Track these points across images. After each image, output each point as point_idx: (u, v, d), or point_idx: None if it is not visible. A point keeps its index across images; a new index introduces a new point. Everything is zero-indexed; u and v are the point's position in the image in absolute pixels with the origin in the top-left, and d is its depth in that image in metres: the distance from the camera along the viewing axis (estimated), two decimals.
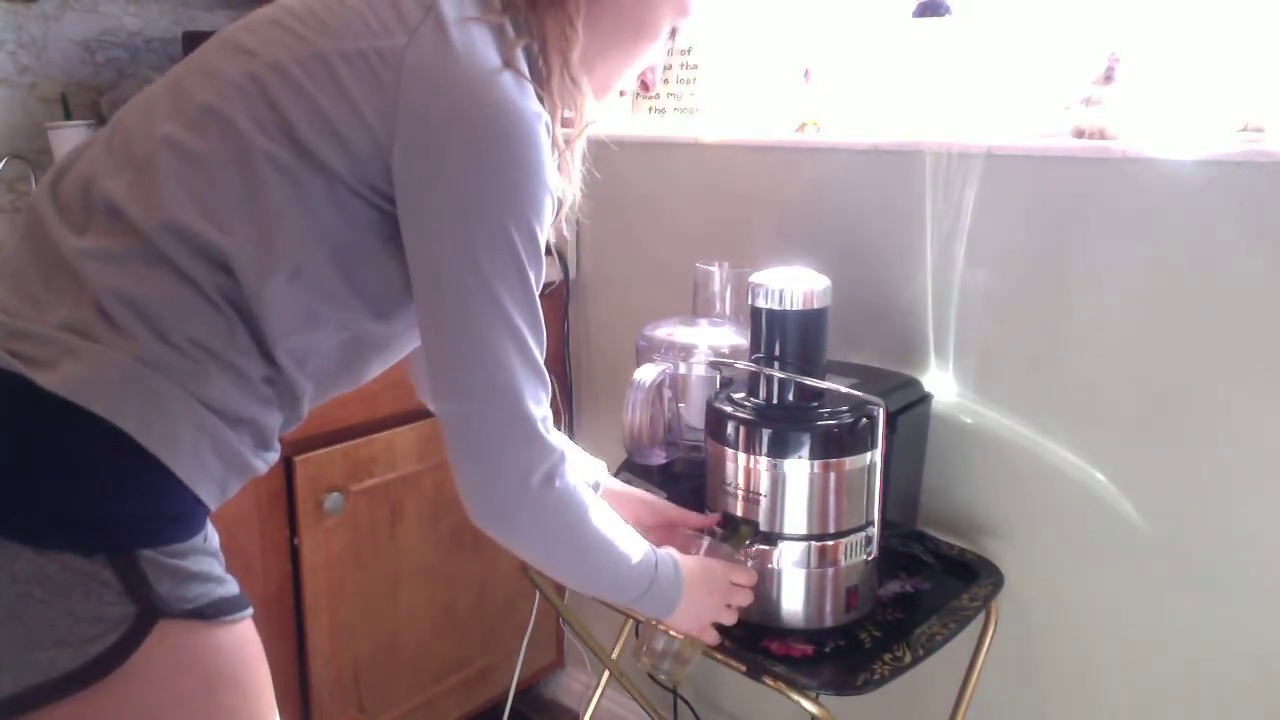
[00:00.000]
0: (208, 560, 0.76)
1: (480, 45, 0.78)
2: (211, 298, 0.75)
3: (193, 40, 1.70)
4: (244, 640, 0.77)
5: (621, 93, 0.98)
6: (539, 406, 0.83)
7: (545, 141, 0.80)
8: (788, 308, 1.08)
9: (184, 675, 0.73)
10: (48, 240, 0.76)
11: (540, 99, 0.82)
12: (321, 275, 0.78)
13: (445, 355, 0.80)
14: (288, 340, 0.78)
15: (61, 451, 0.70)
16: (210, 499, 0.77)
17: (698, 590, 1.00)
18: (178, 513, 0.74)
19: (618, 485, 1.18)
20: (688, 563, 1.01)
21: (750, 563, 1.09)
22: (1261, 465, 1.10)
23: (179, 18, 1.83)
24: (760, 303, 1.10)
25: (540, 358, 0.83)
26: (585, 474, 0.84)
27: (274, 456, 0.83)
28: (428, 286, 0.79)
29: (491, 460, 0.82)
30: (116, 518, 0.71)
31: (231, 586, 0.77)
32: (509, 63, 0.79)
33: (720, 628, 1.06)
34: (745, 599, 1.06)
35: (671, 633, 1.05)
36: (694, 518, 1.14)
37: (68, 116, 1.69)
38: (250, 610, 0.78)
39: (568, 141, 0.92)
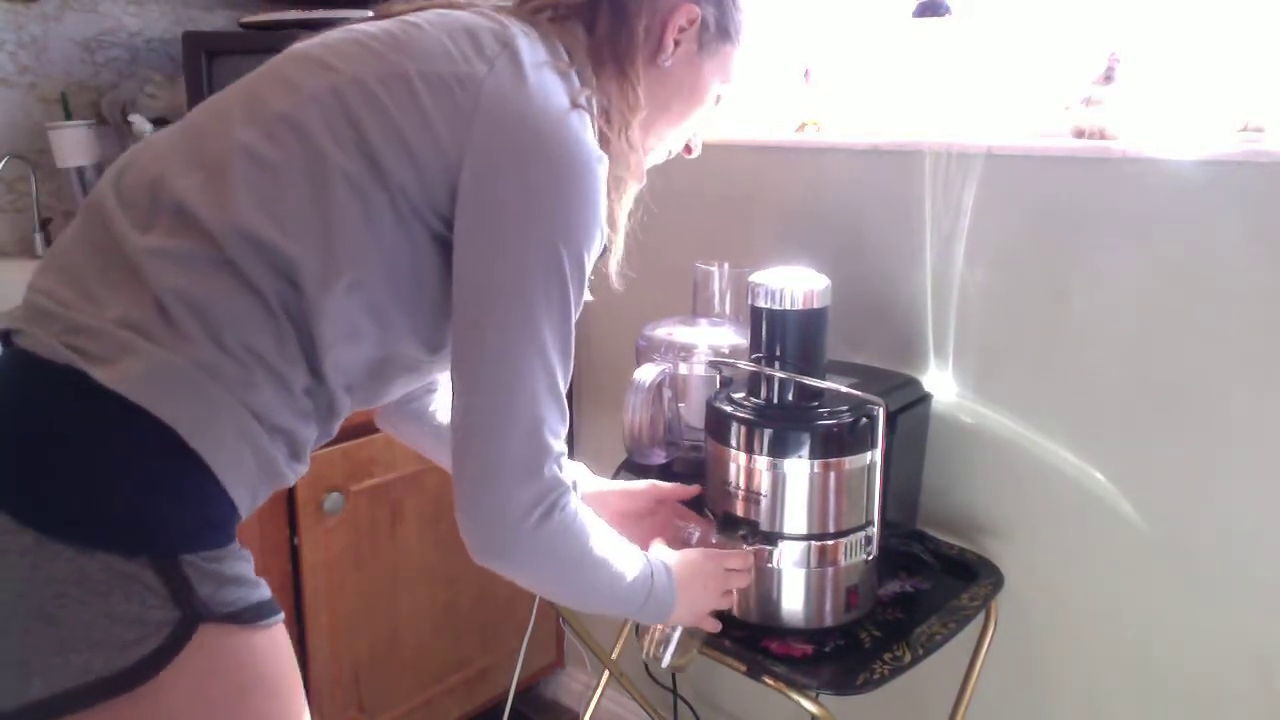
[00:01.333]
0: (243, 564, 0.76)
1: (552, 86, 0.81)
2: (271, 305, 0.74)
3: (193, 40, 1.70)
4: (277, 644, 0.77)
5: (670, 152, 1.05)
6: (557, 440, 0.83)
7: (603, 181, 0.83)
8: (788, 308, 1.08)
9: (220, 680, 0.72)
10: (109, 235, 0.75)
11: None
12: (376, 291, 0.79)
13: (475, 376, 0.80)
14: (333, 352, 0.78)
15: (112, 449, 0.69)
16: (243, 506, 0.76)
17: (691, 586, 1.00)
18: (218, 517, 0.74)
19: (595, 483, 1.17)
20: (679, 562, 1.01)
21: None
22: (1262, 465, 1.10)
23: (179, 18, 1.83)
24: (760, 303, 1.10)
25: (564, 390, 0.84)
26: (566, 476, 0.84)
27: (304, 469, 0.83)
28: (471, 303, 0.80)
29: (503, 491, 0.80)
30: (162, 520, 0.70)
31: (265, 590, 0.77)
32: (576, 104, 0.82)
33: (723, 619, 1.06)
34: (742, 581, 1.06)
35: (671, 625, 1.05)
36: (678, 489, 1.15)
37: (68, 116, 1.69)
38: (282, 614, 0.78)
39: (618, 193, 0.94)
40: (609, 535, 0.91)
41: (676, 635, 1.06)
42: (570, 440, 1.86)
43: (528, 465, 0.80)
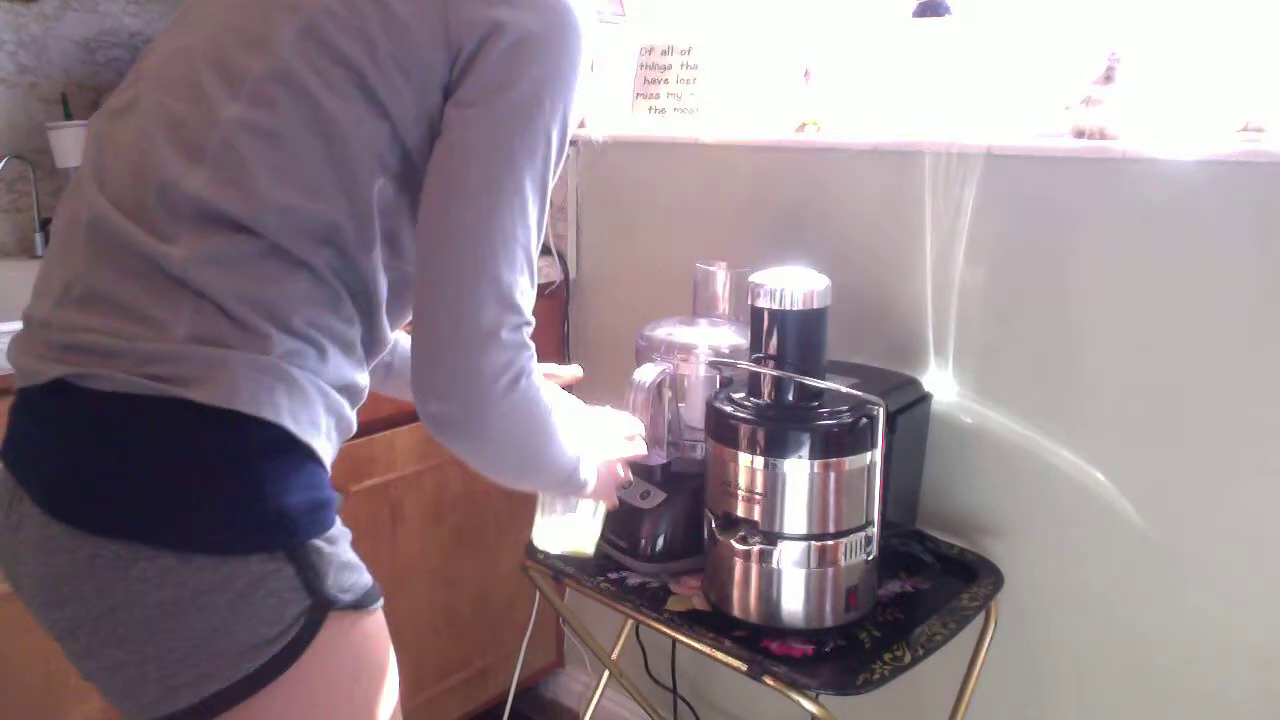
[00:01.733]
0: (348, 543, 0.77)
1: None
2: (324, 275, 0.75)
3: None
4: (381, 627, 0.79)
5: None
6: (528, 306, 0.80)
7: (588, 46, 0.80)
8: (788, 308, 1.08)
9: (339, 666, 0.74)
10: (138, 255, 0.72)
11: None
12: (402, 226, 0.79)
13: (448, 234, 0.76)
14: (381, 297, 0.79)
15: (233, 460, 0.70)
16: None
17: (603, 467, 1.03)
18: (327, 496, 0.75)
19: None
20: (594, 441, 1.00)
21: (749, 562, 1.10)
22: (1261, 465, 1.10)
23: None
24: (760, 303, 1.10)
25: (537, 257, 0.81)
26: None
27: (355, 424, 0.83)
28: (452, 163, 0.76)
29: (476, 354, 0.76)
30: (290, 512, 0.72)
31: (369, 574, 0.78)
32: None
33: (723, 618, 1.07)
34: (639, 449, 1.11)
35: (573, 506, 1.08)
36: (563, 370, 1.16)
37: (68, 116, 1.69)
38: (382, 599, 0.79)
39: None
40: (559, 406, 0.88)
41: (589, 513, 1.07)
42: None
43: (501, 328, 0.77)
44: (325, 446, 0.76)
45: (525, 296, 0.79)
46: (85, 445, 0.70)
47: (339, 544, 0.75)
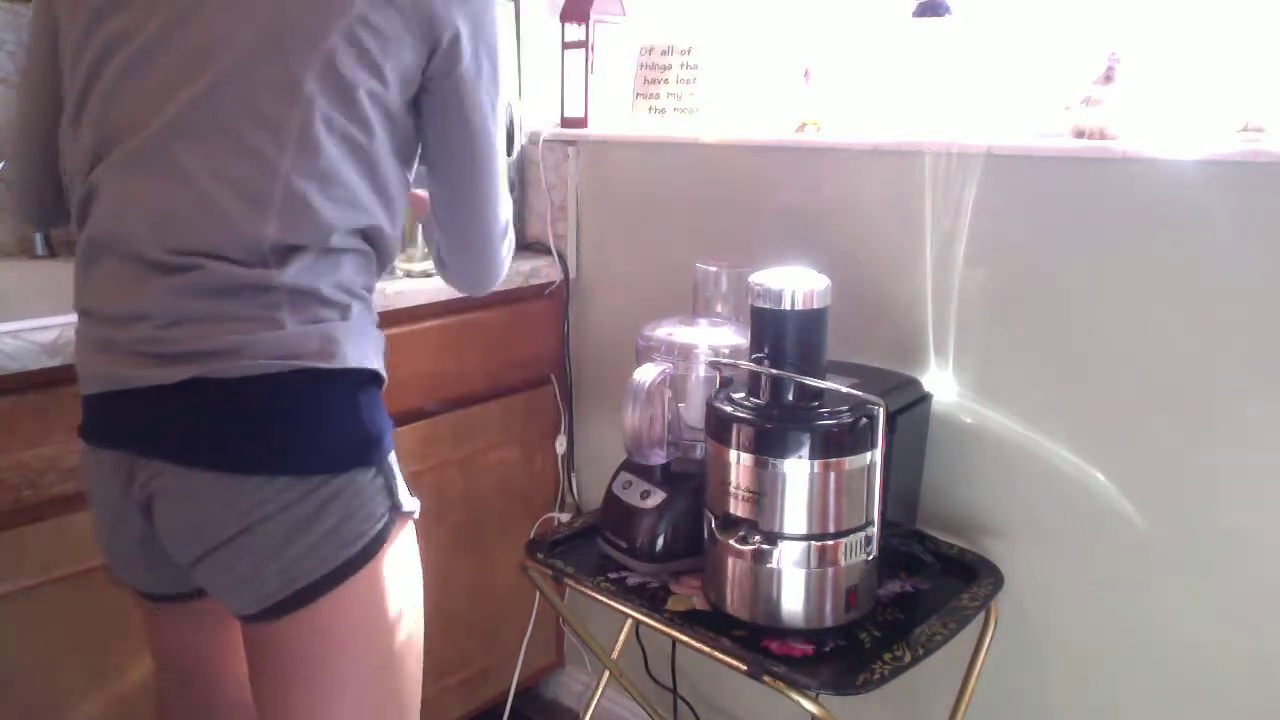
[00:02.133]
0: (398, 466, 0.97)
1: None
2: (365, 252, 0.94)
3: None
4: (414, 533, 0.99)
5: None
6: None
7: None
8: (788, 308, 1.08)
9: (400, 555, 0.94)
10: (228, 280, 0.86)
11: None
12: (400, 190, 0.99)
13: (478, 210, 1.03)
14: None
15: (338, 401, 0.90)
16: None
17: None
18: (389, 420, 0.96)
19: None
20: None
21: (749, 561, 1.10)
22: (1261, 465, 1.10)
23: None
24: (760, 303, 1.10)
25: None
26: None
27: None
28: (467, 141, 0.98)
29: (500, 269, 1.11)
30: (379, 433, 0.92)
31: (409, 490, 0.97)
32: None
33: (723, 618, 1.07)
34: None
35: None
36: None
37: None
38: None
39: None
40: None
41: None
42: (570, 440, 1.87)
43: (508, 231, 1.08)
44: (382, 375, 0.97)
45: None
46: (229, 413, 0.86)
47: (396, 461, 0.96)
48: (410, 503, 0.95)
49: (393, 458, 0.95)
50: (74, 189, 0.93)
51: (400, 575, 0.94)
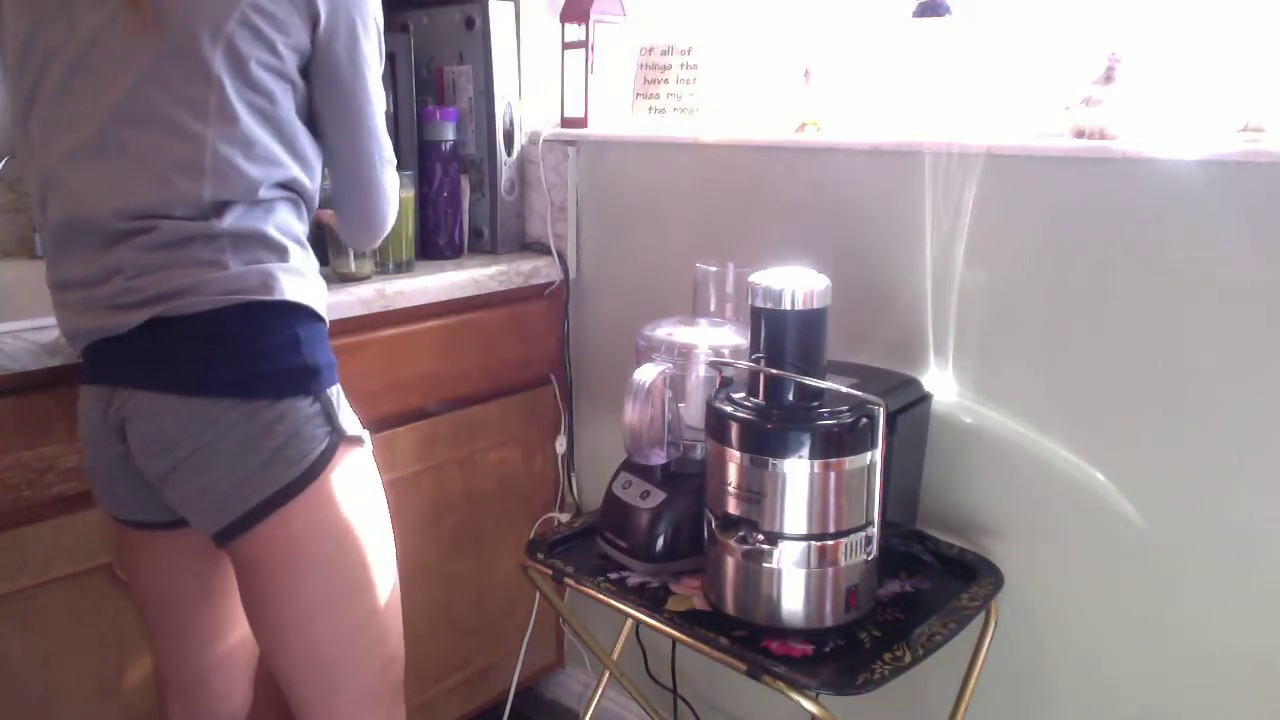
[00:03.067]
0: (345, 398, 1.08)
1: None
2: (294, 200, 1.08)
3: None
4: (371, 460, 1.11)
5: None
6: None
7: None
8: (788, 308, 1.08)
9: (348, 477, 1.05)
10: (180, 234, 1.00)
11: None
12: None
13: (364, 150, 1.14)
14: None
15: (280, 333, 1.02)
16: None
17: None
18: (335, 360, 1.07)
19: None
20: None
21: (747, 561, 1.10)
22: (1261, 465, 1.10)
23: None
24: (760, 303, 1.10)
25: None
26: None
27: None
28: (342, 92, 1.10)
29: (388, 214, 1.21)
30: (316, 365, 1.03)
31: (358, 421, 1.09)
32: None
33: (722, 618, 1.06)
34: None
35: None
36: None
37: None
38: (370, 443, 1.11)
39: None
40: None
41: None
42: (570, 440, 1.87)
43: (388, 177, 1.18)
44: (324, 314, 1.09)
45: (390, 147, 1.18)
46: (183, 344, 1.00)
47: (342, 396, 1.07)
48: (355, 428, 1.07)
49: (334, 390, 1.05)
50: (31, 180, 1.07)
51: (350, 492, 1.06)
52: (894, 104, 1.38)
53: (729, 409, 1.11)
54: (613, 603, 1.20)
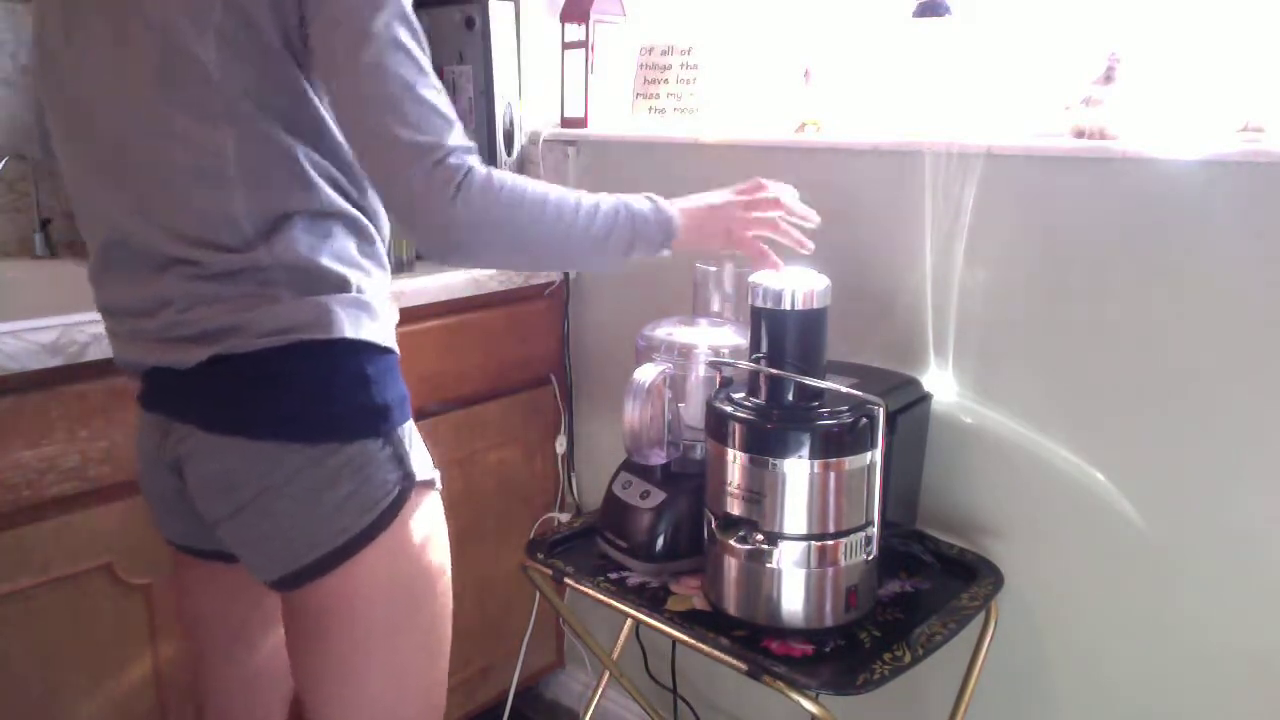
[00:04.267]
0: (419, 435, 1.00)
1: None
2: (359, 222, 0.97)
3: None
4: (440, 504, 1.03)
5: None
6: (442, 136, 0.90)
7: None
8: (788, 308, 1.08)
9: (419, 524, 0.98)
10: (225, 268, 0.92)
11: None
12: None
13: (379, 111, 0.88)
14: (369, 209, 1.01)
15: (347, 372, 0.93)
16: None
17: (696, 203, 1.11)
18: (407, 393, 0.99)
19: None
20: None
21: (747, 562, 1.10)
22: (1262, 465, 1.10)
23: None
24: (760, 303, 1.10)
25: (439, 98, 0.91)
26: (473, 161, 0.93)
27: None
28: (354, 57, 0.87)
29: (415, 196, 0.90)
30: (385, 404, 0.95)
31: (431, 461, 1.01)
32: None
33: (722, 618, 1.06)
34: (775, 204, 1.15)
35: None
36: None
37: None
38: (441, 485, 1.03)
39: None
40: (544, 185, 0.99)
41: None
42: (570, 440, 1.87)
43: (413, 172, 0.89)
44: (394, 343, 0.99)
45: (428, 132, 0.89)
46: (244, 383, 0.92)
47: (413, 433, 0.99)
48: (426, 470, 0.99)
49: (406, 427, 0.97)
50: (71, 196, 1.00)
51: (420, 543, 0.98)
52: (894, 104, 1.38)
53: (729, 409, 1.11)
54: (613, 603, 1.20)
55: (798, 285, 1.08)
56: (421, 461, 0.99)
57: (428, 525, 1.00)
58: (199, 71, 0.88)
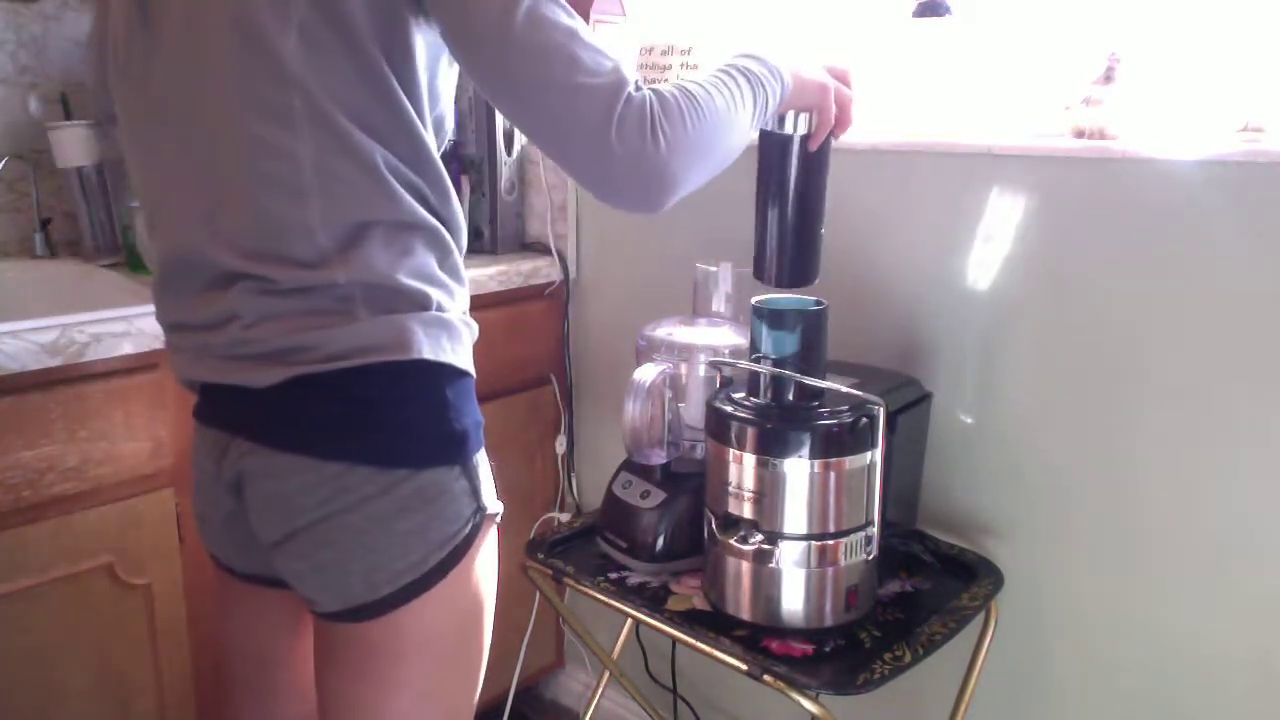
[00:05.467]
0: (487, 463, 0.94)
1: None
2: (439, 234, 0.91)
3: None
4: (497, 536, 0.96)
5: None
6: (610, 76, 0.80)
7: None
8: (787, 308, 1.08)
9: (485, 558, 0.93)
10: (297, 285, 0.86)
11: None
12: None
13: (509, 77, 0.80)
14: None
15: (421, 394, 0.87)
16: None
17: (799, 69, 0.98)
18: (481, 419, 0.92)
19: None
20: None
21: (748, 562, 1.10)
22: (1262, 465, 1.10)
23: None
24: (760, 303, 1.10)
25: (593, 39, 0.81)
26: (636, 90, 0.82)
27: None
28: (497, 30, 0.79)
29: (609, 157, 0.80)
30: (463, 430, 0.89)
31: (493, 486, 0.95)
32: None
33: (721, 618, 1.06)
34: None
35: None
36: None
37: (68, 116, 1.68)
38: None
39: None
40: (693, 84, 0.87)
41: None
42: (570, 440, 1.87)
43: (604, 117, 0.78)
44: (472, 366, 0.93)
45: (607, 73, 0.79)
46: (315, 401, 0.86)
47: (484, 462, 0.93)
48: (494, 502, 0.94)
49: (480, 456, 0.92)
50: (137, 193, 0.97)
51: (482, 579, 0.94)
52: (894, 104, 1.38)
53: (729, 409, 1.11)
54: (613, 603, 1.20)
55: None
56: (490, 493, 0.93)
57: (490, 560, 0.95)
58: (277, 70, 0.81)
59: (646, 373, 1.20)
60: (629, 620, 1.40)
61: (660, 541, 1.23)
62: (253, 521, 0.92)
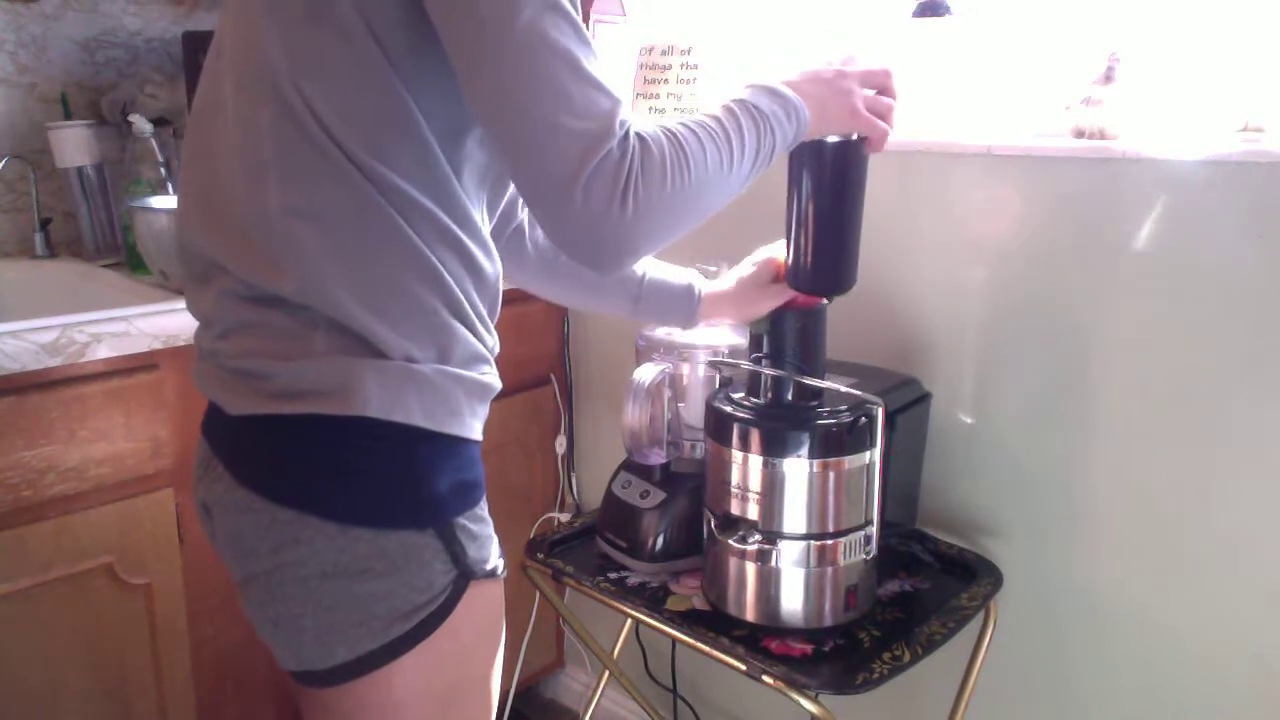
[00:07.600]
0: (487, 519, 0.85)
1: None
2: (446, 263, 0.81)
3: (193, 40, 1.69)
4: (501, 590, 0.87)
5: None
6: (601, 120, 0.72)
7: None
8: (787, 307, 1.08)
9: (474, 626, 0.83)
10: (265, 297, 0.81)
11: None
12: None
13: (496, 108, 0.73)
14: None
15: (390, 447, 0.79)
16: (481, 434, 0.85)
17: (808, 84, 0.90)
18: (474, 478, 0.83)
19: (711, 286, 1.17)
20: (777, 79, 0.90)
21: (750, 562, 1.10)
22: (1262, 465, 1.10)
23: (179, 17, 1.83)
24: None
25: (595, 73, 0.74)
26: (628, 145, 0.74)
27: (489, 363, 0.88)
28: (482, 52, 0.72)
29: (577, 204, 0.72)
30: (438, 494, 0.80)
31: (497, 545, 0.86)
32: None
33: (721, 618, 1.05)
34: (887, 76, 0.96)
35: None
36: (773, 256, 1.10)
37: (68, 116, 1.69)
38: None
39: None
40: (689, 131, 0.79)
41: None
42: (570, 440, 1.87)
43: (575, 167, 0.71)
44: (472, 425, 0.83)
45: (595, 118, 0.72)
46: (271, 444, 0.80)
47: (481, 523, 0.83)
48: (487, 560, 0.84)
49: (469, 516, 0.82)
50: None
51: (472, 646, 0.85)
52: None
53: (729, 409, 1.11)
54: (612, 603, 1.20)
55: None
56: (483, 551, 0.83)
57: (480, 626, 0.85)
58: (269, 78, 0.77)
59: (646, 373, 1.20)
60: (629, 620, 1.40)
61: (660, 541, 1.23)
62: (219, 552, 0.87)
